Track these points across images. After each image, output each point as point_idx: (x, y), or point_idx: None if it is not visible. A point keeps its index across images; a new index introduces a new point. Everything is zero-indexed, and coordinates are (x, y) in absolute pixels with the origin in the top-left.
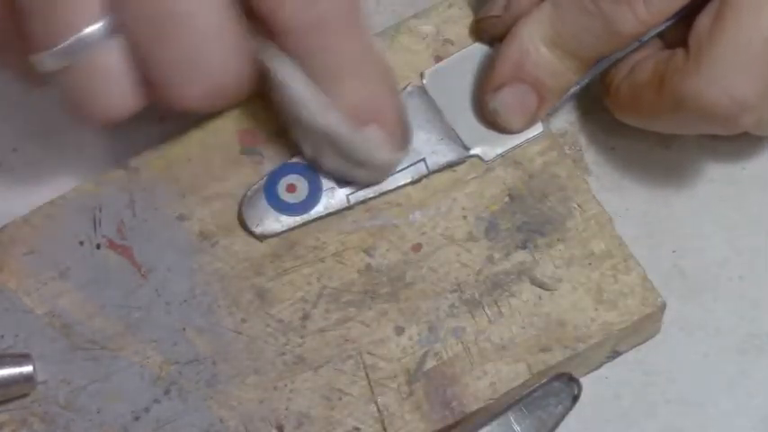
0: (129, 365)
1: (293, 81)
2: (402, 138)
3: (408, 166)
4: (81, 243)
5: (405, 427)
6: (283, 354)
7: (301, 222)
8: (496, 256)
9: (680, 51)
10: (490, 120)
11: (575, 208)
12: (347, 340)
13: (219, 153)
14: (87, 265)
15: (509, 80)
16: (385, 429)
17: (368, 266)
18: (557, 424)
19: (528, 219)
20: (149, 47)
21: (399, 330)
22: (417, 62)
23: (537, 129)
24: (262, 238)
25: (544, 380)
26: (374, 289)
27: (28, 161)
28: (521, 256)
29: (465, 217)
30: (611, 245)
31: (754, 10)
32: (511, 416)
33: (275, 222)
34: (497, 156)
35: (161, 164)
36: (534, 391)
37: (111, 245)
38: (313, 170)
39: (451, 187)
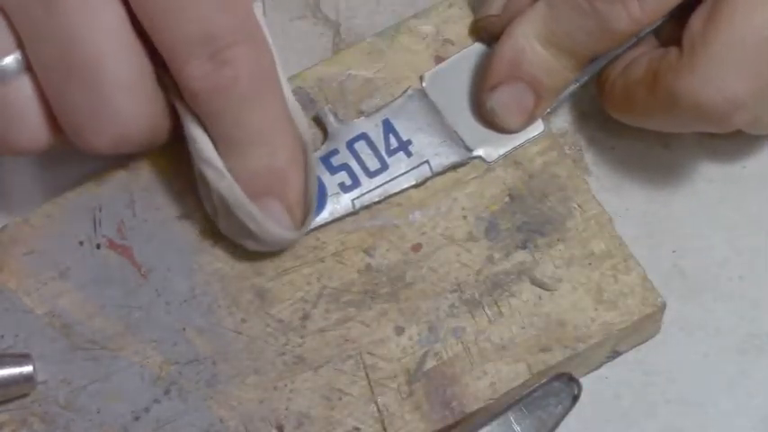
0: (129, 365)
1: (199, 139)
2: (301, 216)
3: (411, 170)
4: (81, 243)
5: (405, 427)
6: (283, 354)
7: (307, 230)
8: (496, 256)
9: (673, 50)
10: (488, 119)
11: (575, 208)
12: (347, 340)
13: None
14: (87, 265)
15: (505, 79)
16: (385, 429)
17: (368, 266)
18: (557, 424)
19: (528, 219)
20: (57, 89)
21: (399, 330)
22: (417, 62)
23: (538, 128)
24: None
25: (544, 380)
26: (374, 289)
27: (28, 161)
28: (521, 256)
29: (465, 217)
30: (611, 245)
31: (748, 9)
32: (511, 416)
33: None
34: (500, 156)
35: (161, 164)
36: (534, 391)
37: (112, 245)
38: (317, 177)
39: (452, 187)
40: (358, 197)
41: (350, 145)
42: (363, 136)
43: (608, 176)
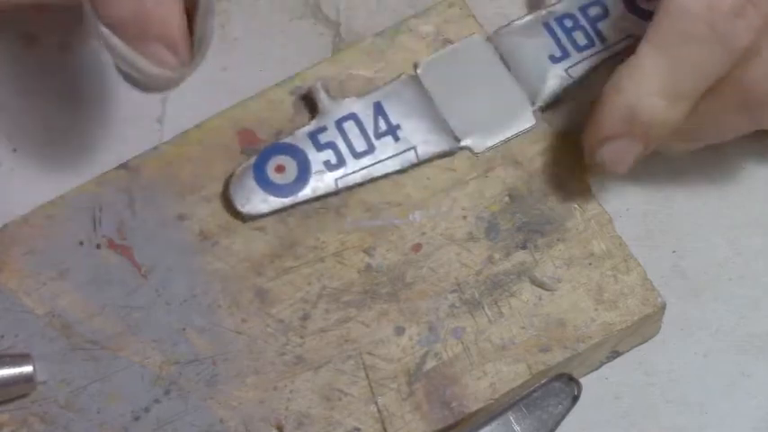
0: (129, 365)
1: None
2: (186, 53)
3: (398, 154)
4: (81, 243)
5: (405, 427)
6: (283, 354)
7: (289, 204)
8: (496, 256)
9: None
10: (593, 165)
11: (575, 208)
12: (347, 340)
13: (219, 153)
14: (87, 265)
15: (617, 134)
16: (385, 429)
17: (368, 266)
18: (557, 424)
19: (528, 219)
20: None
21: (399, 330)
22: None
23: (529, 121)
24: (247, 218)
25: (544, 380)
26: (374, 289)
27: (28, 161)
28: (521, 256)
29: (465, 217)
30: (611, 245)
31: None
32: (511, 416)
33: (262, 203)
34: (488, 148)
35: (161, 164)
36: (534, 391)
37: (111, 245)
38: (303, 152)
39: (452, 187)
40: (342, 177)
41: (339, 124)
42: (353, 116)
43: (608, 176)
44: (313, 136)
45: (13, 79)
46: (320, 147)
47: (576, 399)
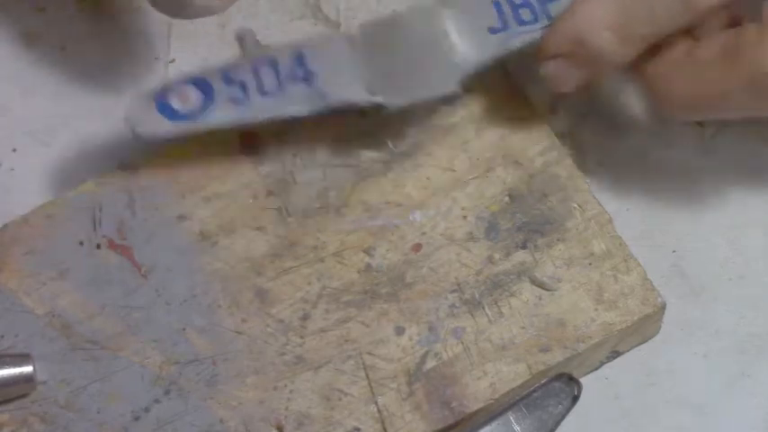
0: (129, 365)
1: None
2: None
3: (306, 99)
4: (81, 243)
5: (405, 427)
6: (283, 354)
7: (184, 131)
8: (496, 256)
9: (751, 26)
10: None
11: (575, 208)
12: (347, 340)
13: (219, 153)
14: (87, 265)
15: (562, 53)
16: (385, 429)
17: (368, 266)
18: (557, 424)
19: (528, 219)
20: None
21: (399, 330)
22: None
23: (451, 87)
24: (140, 139)
25: (544, 380)
26: (374, 289)
27: (28, 161)
28: (521, 256)
29: (465, 217)
30: (611, 245)
31: None
32: (511, 416)
33: (157, 125)
34: (400, 106)
35: (161, 164)
36: (534, 391)
37: (111, 245)
38: (210, 84)
39: (452, 187)
40: (244, 112)
41: (255, 65)
42: (271, 61)
43: (608, 176)
44: (225, 71)
45: (13, 79)
46: (229, 81)
47: (576, 399)
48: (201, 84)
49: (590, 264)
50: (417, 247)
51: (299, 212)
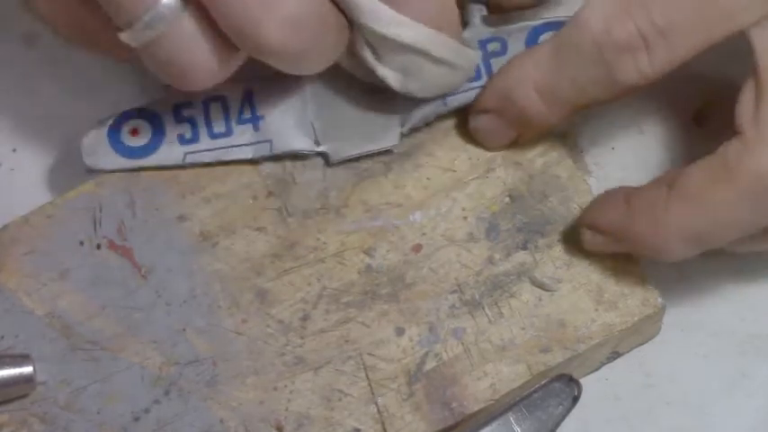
0: (129, 366)
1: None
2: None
3: (252, 144)
4: (81, 243)
5: (405, 427)
6: (283, 354)
7: (131, 167)
8: (497, 256)
9: (733, 141)
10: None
11: (575, 208)
12: (347, 341)
13: None
14: (87, 266)
15: (493, 109)
16: (385, 430)
17: (368, 267)
18: (557, 425)
19: (528, 219)
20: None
21: (399, 331)
22: None
23: (392, 140)
24: (90, 170)
25: (544, 381)
26: (374, 290)
27: (28, 161)
28: (521, 256)
29: (465, 218)
30: None
31: None
32: (511, 417)
33: (105, 159)
34: (343, 158)
35: None
36: (534, 391)
37: (112, 245)
38: (161, 121)
39: (452, 188)
40: (192, 152)
41: (205, 102)
42: (221, 98)
43: (608, 177)
44: (177, 108)
45: (13, 79)
46: (180, 119)
47: (576, 399)
48: (152, 119)
49: (590, 264)
50: (417, 248)
51: (300, 213)
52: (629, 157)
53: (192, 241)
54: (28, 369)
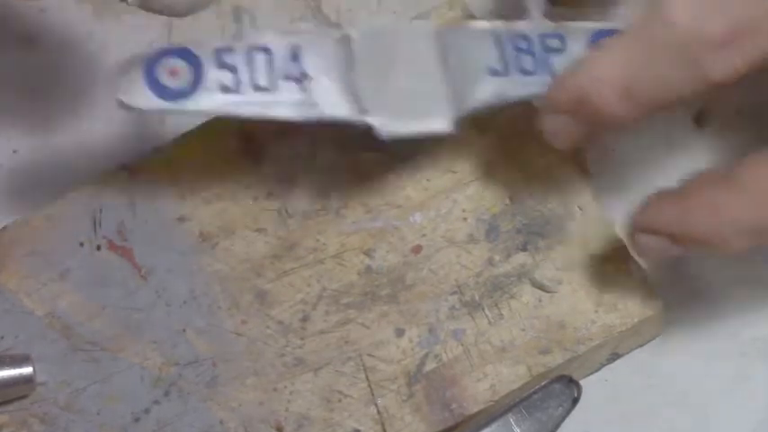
0: (129, 367)
1: None
2: None
3: (297, 104)
4: (81, 244)
5: (405, 428)
6: (283, 355)
7: (167, 109)
8: (497, 258)
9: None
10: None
11: (575, 210)
12: (347, 342)
13: (219, 153)
14: (87, 267)
15: (563, 111)
16: (385, 431)
17: (368, 268)
18: (557, 426)
19: (528, 221)
20: None
21: (399, 332)
22: None
23: (442, 125)
24: (125, 107)
25: (544, 382)
26: (374, 291)
27: (28, 162)
28: (521, 258)
29: (465, 219)
30: (611, 247)
31: None
32: (511, 418)
33: (141, 98)
34: (390, 134)
35: (161, 165)
36: (534, 393)
37: (112, 246)
38: (202, 65)
39: (452, 189)
40: (231, 103)
41: (250, 51)
42: (267, 50)
43: (608, 177)
44: (219, 52)
45: (13, 79)
46: (222, 65)
47: (576, 401)
48: (192, 60)
49: (590, 266)
50: (417, 249)
51: (299, 214)
52: (629, 157)
53: (192, 242)
54: (28, 369)
